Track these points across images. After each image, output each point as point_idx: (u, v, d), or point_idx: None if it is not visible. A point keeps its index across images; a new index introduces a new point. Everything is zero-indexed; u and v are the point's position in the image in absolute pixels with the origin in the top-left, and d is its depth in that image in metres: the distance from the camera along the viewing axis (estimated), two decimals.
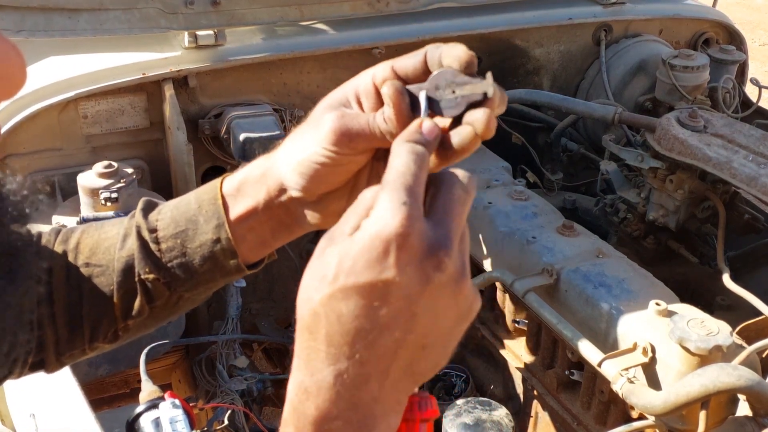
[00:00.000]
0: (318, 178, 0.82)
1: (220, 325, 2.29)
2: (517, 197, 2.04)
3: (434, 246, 0.62)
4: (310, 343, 0.63)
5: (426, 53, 0.74)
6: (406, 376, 0.64)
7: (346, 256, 0.61)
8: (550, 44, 2.61)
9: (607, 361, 1.54)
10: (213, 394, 2.18)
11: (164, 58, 2.07)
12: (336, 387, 0.62)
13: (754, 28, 8.10)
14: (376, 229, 0.61)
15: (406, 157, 0.65)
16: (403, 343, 0.62)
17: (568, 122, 2.48)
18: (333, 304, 0.61)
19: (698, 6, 2.85)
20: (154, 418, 1.59)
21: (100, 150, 2.11)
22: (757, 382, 1.33)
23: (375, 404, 0.63)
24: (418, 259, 0.61)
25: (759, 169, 1.79)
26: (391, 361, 0.62)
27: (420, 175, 0.64)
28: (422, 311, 0.62)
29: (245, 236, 0.91)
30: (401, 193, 0.62)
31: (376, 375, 0.62)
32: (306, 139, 0.82)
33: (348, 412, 0.62)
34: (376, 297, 0.61)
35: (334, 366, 0.62)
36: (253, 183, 0.90)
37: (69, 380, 1.44)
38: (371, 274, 0.61)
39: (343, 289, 0.61)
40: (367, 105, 0.79)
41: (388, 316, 0.61)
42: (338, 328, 0.61)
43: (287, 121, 2.21)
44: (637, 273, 1.76)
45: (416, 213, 0.62)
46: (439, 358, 0.66)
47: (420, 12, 2.38)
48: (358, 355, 0.61)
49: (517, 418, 1.84)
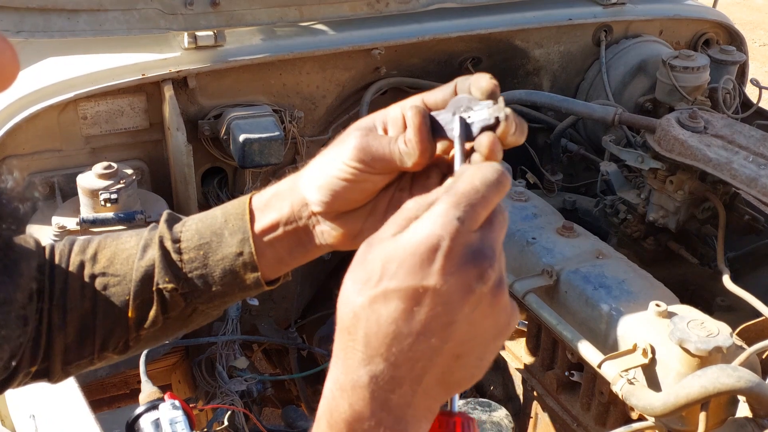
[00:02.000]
0: (338, 195, 0.84)
1: (219, 326, 2.29)
2: (517, 198, 2.04)
3: (479, 257, 0.63)
4: (348, 343, 0.64)
5: (456, 84, 0.77)
6: (440, 384, 0.65)
7: (391, 259, 0.63)
8: (550, 45, 2.61)
9: (607, 362, 1.54)
10: (213, 395, 2.18)
11: (164, 59, 2.06)
12: (370, 387, 0.63)
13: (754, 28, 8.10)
14: (425, 233, 0.62)
15: (487, 174, 0.66)
16: (439, 350, 0.63)
17: (568, 123, 2.47)
18: (374, 307, 0.62)
19: (698, 6, 2.85)
20: (153, 419, 1.58)
21: (100, 151, 2.10)
22: (757, 384, 1.33)
23: (407, 408, 0.64)
24: (462, 268, 0.62)
25: (759, 170, 1.79)
26: (425, 367, 0.63)
27: (490, 198, 0.66)
28: (460, 321, 0.63)
29: (265, 252, 0.92)
30: (463, 208, 0.64)
31: (409, 379, 0.63)
32: (330, 157, 0.84)
33: (380, 413, 0.63)
34: (416, 302, 0.62)
35: (369, 367, 0.62)
36: (279, 198, 0.92)
37: (69, 381, 1.44)
38: (414, 279, 0.62)
39: (385, 292, 0.62)
40: (392, 132, 0.81)
41: (426, 322, 0.62)
42: (376, 330, 0.62)
43: (287, 121, 2.21)
44: (637, 274, 1.76)
45: (467, 230, 0.63)
46: (474, 369, 0.66)
47: (420, 12, 2.38)
48: (394, 358, 0.62)
49: (517, 419, 1.84)
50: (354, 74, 2.35)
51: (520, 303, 1.81)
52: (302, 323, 2.69)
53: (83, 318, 0.99)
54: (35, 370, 1.00)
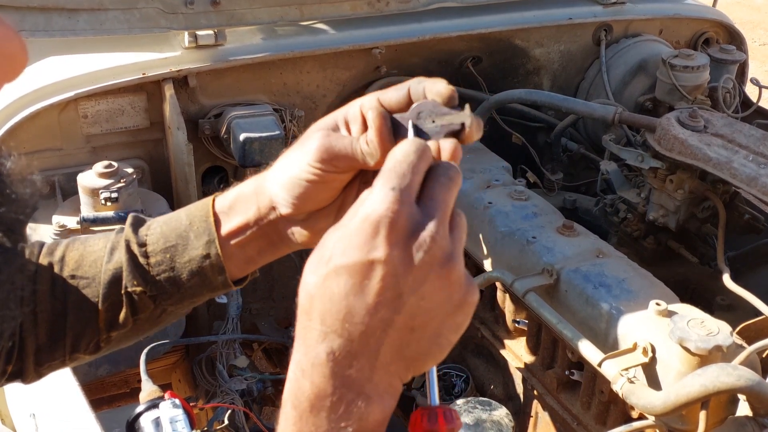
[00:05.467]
0: (305, 195, 0.87)
1: (220, 325, 2.29)
2: (517, 197, 2.04)
3: (419, 227, 0.65)
4: (306, 323, 0.66)
5: (409, 87, 0.79)
6: (398, 359, 0.66)
7: (340, 239, 0.65)
8: (550, 44, 2.61)
9: (607, 361, 1.54)
10: (213, 394, 2.18)
11: (164, 58, 2.07)
12: (329, 363, 0.64)
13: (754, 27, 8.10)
14: (366, 212, 0.65)
15: (405, 148, 0.69)
16: (391, 323, 0.64)
17: (568, 122, 2.47)
18: (326, 284, 0.65)
19: (698, 6, 2.85)
20: (154, 418, 1.59)
21: (100, 150, 2.11)
22: (757, 383, 1.33)
23: (367, 383, 0.65)
24: (404, 240, 0.64)
25: (759, 169, 1.79)
26: (380, 340, 0.64)
27: (418, 164, 0.68)
28: (408, 291, 0.64)
29: (234, 253, 0.94)
30: (393, 180, 0.66)
31: (366, 353, 0.64)
32: (294, 158, 0.88)
33: (341, 389, 0.64)
34: (364, 276, 0.64)
35: (325, 343, 0.64)
36: (244, 201, 0.94)
37: (69, 380, 1.44)
38: (360, 253, 0.64)
39: (335, 268, 0.64)
40: (354, 130, 0.83)
41: (375, 294, 0.64)
42: (329, 307, 0.64)
43: (287, 121, 2.21)
44: (637, 273, 1.76)
45: (405, 198, 0.65)
46: (431, 344, 0.67)
47: (420, 12, 2.38)
48: (348, 332, 0.64)
49: (517, 418, 1.84)
50: (354, 73, 2.35)
51: (520, 302, 1.81)
52: None
53: (54, 319, 1.00)
54: (10, 371, 1.00)
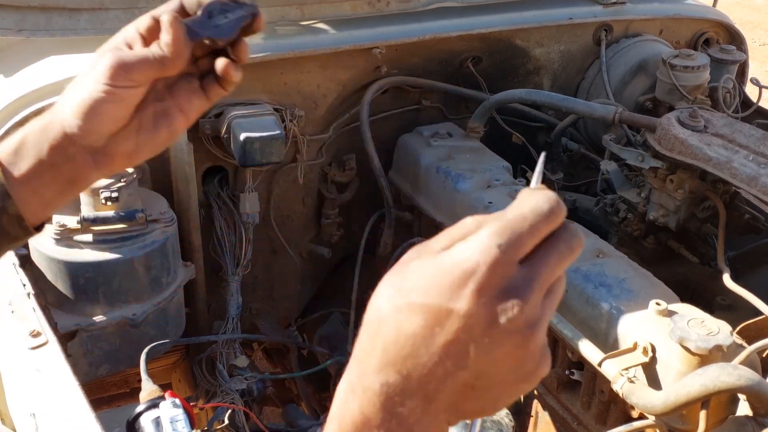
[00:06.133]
0: (99, 116, 0.88)
1: (220, 324, 2.29)
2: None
3: (511, 291, 0.61)
4: (367, 347, 0.63)
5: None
6: (449, 409, 0.63)
7: (427, 275, 0.61)
8: (550, 44, 2.61)
9: (608, 361, 1.54)
10: (213, 394, 2.18)
11: None
12: (381, 396, 0.62)
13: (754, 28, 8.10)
14: (462, 257, 0.61)
15: (538, 202, 0.64)
16: (453, 376, 0.61)
17: (568, 122, 2.48)
18: (398, 317, 0.61)
19: (698, 6, 2.85)
20: (154, 418, 1.59)
21: None
22: (757, 382, 1.33)
23: (416, 425, 0.62)
24: (492, 300, 0.60)
25: (759, 169, 1.79)
26: (437, 389, 0.62)
27: (542, 228, 0.64)
28: (480, 352, 0.61)
29: (29, 199, 0.92)
30: (505, 236, 0.61)
31: (421, 396, 0.62)
32: (84, 83, 0.89)
33: (388, 423, 0.62)
34: (438, 323, 0.60)
35: (382, 374, 0.62)
36: (33, 142, 0.91)
37: (69, 380, 1.44)
38: (442, 299, 0.60)
39: (411, 305, 0.61)
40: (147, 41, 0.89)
41: (444, 344, 0.60)
42: (395, 341, 0.61)
43: (287, 120, 2.20)
44: (637, 273, 1.76)
45: (509, 258, 0.61)
46: (486, 405, 0.65)
47: (420, 11, 2.38)
48: (407, 371, 0.61)
49: (517, 418, 1.84)
50: (355, 73, 2.35)
51: None
52: (303, 322, 2.69)
53: None
54: None
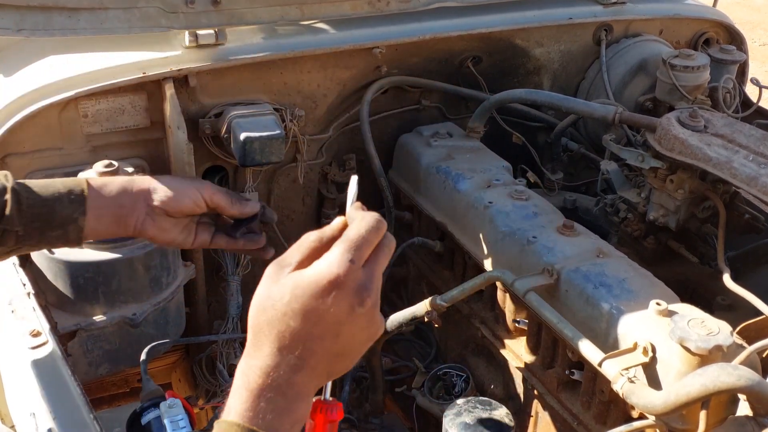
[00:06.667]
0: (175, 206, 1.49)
1: (220, 324, 2.29)
2: (517, 197, 2.04)
3: (361, 289, 0.93)
4: (262, 338, 0.92)
5: None
6: (324, 374, 0.95)
7: (299, 286, 0.91)
8: (550, 44, 2.61)
9: (608, 361, 1.54)
10: (213, 394, 2.18)
11: (165, 58, 2.06)
12: (280, 369, 0.91)
13: (754, 27, 8.10)
14: (325, 272, 0.91)
15: (370, 224, 0.95)
16: (329, 350, 0.93)
17: (568, 122, 2.47)
18: (285, 319, 0.91)
19: (698, 6, 2.85)
20: (154, 418, 1.59)
21: (101, 149, 2.10)
22: (757, 382, 1.33)
23: (302, 387, 0.92)
24: (349, 297, 0.92)
25: (759, 169, 1.79)
26: (319, 360, 0.93)
27: (372, 240, 0.95)
28: (345, 331, 0.93)
29: (90, 221, 1.40)
30: (353, 252, 0.93)
31: (307, 368, 0.92)
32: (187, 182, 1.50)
33: (283, 387, 0.91)
34: (315, 318, 0.91)
35: (280, 354, 0.91)
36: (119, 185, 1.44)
37: (69, 380, 1.44)
38: (315, 303, 0.91)
39: (294, 309, 0.91)
40: None
41: (321, 331, 0.92)
42: (287, 333, 0.91)
43: (287, 120, 2.20)
44: (637, 273, 1.76)
45: (356, 267, 0.92)
46: (349, 363, 0.97)
47: (420, 11, 2.38)
48: (298, 351, 0.91)
49: (518, 418, 1.84)
50: (355, 73, 2.35)
51: (520, 302, 1.81)
52: None
53: None
54: None
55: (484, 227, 2.00)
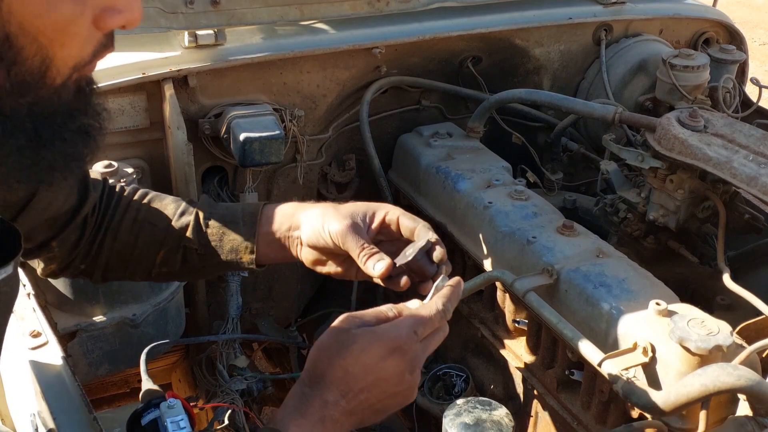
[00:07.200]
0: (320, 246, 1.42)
1: (220, 324, 2.29)
2: (517, 197, 2.04)
3: (416, 361, 1.13)
4: (322, 374, 1.11)
5: None
6: (358, 421, 1.12)
7: (367, 341, 1.09)
8: (550, 44, 2.61)
9: (607, 361, 1.54)
10: (213, 394, 2.18)
11: (164, 58, 2.06)
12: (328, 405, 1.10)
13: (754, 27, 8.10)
14: (393, 335, 1.11)
15: (438, 313, 1.17)
16: (372, 403, 1.11)
17: (568, 122, 2.47)
18: (345, 365, 1.09)
19: (698, 5, 2.85)
20: (154, 418, 1.58)
21: (101, 149, 2.10)
22: (757, 382, 1.33)
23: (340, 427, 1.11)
24: (404, 363, 1.11)
25: (759, 168, 1.79)
26: (360, 407, 1.11)
27: (436, 324, 1.17)
28: (390, 390, 1.12)
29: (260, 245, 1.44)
30: (420, 328, 1.13)
31: (348, 411, 1.10)
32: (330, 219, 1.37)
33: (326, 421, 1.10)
34: (371, 375, 1.09)
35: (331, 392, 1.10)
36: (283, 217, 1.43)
37: (69, 380, 1.44)
38: (376, 360, 1.09)
39: (355, 361, 1.09)
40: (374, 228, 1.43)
41: (371, 387, 1.10)
42: (343, 379, 1.10)
43: (287, 120, 2.20)
44: (637, 273, 1.76)
45: (417, 338, 1.12)
46: (379, 418, 1.14)
47: (420, 11, 2.38)
48: (350, 396, 1.10)
49: (517, 418, 1.84)
50: (354, 73, 2.35)
51: (520, 302, 1.81)
52: (302, 322, 2.69)
53: (125, 247, 1.42)
54: (83, 268, 1.44)
55: (484, 227, 2.00)
